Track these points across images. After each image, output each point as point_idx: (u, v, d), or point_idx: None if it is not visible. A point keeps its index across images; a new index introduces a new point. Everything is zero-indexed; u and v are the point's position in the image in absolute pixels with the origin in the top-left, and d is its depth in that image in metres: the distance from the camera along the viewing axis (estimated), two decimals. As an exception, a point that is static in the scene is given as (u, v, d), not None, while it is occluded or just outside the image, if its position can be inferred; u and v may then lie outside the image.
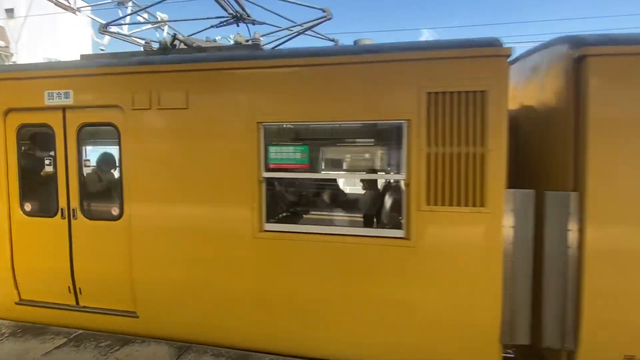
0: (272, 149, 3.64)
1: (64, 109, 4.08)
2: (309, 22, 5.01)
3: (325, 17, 4.86)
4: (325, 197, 3.93)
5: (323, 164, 3.74)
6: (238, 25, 6.57)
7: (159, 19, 13.95)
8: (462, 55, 3.18)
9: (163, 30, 14.41)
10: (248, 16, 6.22)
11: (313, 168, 3.67)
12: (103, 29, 5.53)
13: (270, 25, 6.14)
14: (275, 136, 3.71)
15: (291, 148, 3.62)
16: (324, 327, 3.58)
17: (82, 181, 4.11)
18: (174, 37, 5.10)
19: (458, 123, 3.22)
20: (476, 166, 3.20)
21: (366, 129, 3.71)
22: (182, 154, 3.76)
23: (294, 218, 4.01)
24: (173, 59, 3.82)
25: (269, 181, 3.72)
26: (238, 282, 3.71)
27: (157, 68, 3.78)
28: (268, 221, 3.67)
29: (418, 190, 3.30)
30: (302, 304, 3.60)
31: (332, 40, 5.96)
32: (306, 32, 5.55)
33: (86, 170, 4.15)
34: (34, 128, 4.27)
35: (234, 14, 6.17)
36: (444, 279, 3.30)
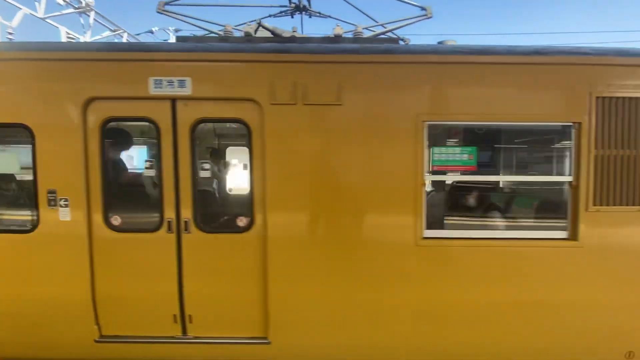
0: (436, 149, 3.43)
1: (173, 100, 3.36)
2: (403, 19, 4.82)
3: (425, 15, 4.73)
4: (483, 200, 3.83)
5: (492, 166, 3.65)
6: (292, 17, 6.14)
7: (84, 4, 12.51)
8: (631, 63, 3.34)
9: (89, 15, 12.91)
10: (310, 7, 5.83)
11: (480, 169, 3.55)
12: (162, 8, 4.69)
13: (336, 19, 5.80)
14: (438, 136, 3.50)
15: (457, 149, 3.45)
16: (489, 334, 3.48)
17: (198, 188, 3.43)
18: (259, 25, 4.57)
19: (622, 127, 3.37)
20: (638, 168, 3.39)
21: (530, 130, 3.70)
22: (332, 155, 3.35)
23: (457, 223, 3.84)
24: (324, 49, 3.38)
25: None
26: (396, 295, 3.42)
27: (306, 58, 3.31)
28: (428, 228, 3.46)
29: (587, 191, 3.38)
30: (468, 312, 3.45)
31: (402, 39, 5.84)
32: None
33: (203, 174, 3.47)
34: (127, 122, 3.46)
35: (297, 4, 5.74)
36: (611, 278, 3.42)
